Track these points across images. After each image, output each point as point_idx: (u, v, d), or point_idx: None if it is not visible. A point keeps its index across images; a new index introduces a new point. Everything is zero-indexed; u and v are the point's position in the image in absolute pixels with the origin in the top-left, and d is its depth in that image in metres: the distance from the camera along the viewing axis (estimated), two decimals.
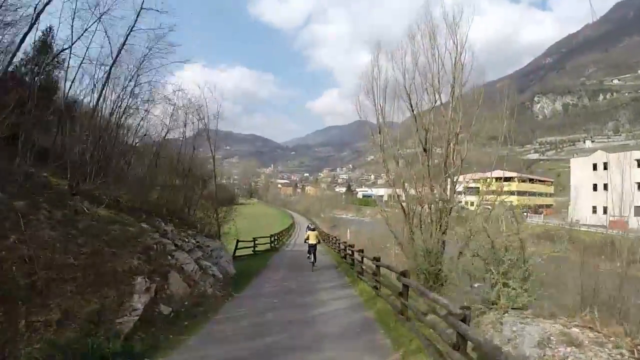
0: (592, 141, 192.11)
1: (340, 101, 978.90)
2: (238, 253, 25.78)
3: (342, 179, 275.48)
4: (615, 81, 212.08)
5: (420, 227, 17.96)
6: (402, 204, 18.78)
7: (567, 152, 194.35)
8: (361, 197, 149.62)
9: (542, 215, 72.95)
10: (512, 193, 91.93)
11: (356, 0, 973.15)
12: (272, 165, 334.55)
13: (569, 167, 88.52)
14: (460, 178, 21.55)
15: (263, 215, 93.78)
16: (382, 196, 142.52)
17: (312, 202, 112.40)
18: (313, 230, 21.89)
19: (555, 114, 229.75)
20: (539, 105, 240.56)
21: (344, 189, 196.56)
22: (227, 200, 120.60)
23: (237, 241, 26.57)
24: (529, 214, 74.07)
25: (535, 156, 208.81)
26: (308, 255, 20.03)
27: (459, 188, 20.83)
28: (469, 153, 19.38)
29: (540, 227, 62.67)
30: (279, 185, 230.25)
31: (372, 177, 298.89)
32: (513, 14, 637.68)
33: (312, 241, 20.12)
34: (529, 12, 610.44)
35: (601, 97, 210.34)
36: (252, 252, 27.97)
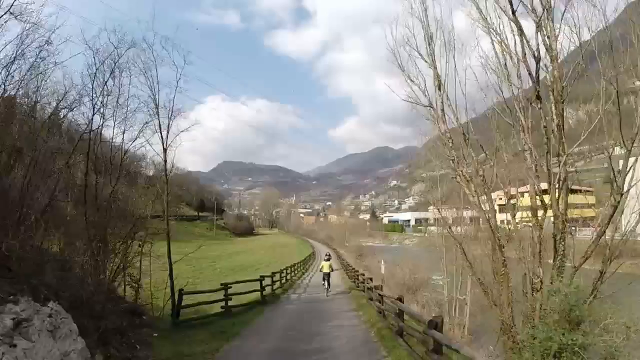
0: (621, 147, 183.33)
1: (359, 129, 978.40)
2: (194, 312, 14.79)
3: (365, 205, 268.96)
4: (638, 83, 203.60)
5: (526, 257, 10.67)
6: (490, 222, 11.38)
7: (596, 161, 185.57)
8: (387, 222, 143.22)
9: (595, 228, 64.86)
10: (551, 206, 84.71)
11: (372, 26, 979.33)
12: (294, 195, 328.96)
13: (602, 176, 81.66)
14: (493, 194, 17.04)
15: (281, 245, 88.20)
16: (409, 220, 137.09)
17: (335, 230, 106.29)
18: (328, 260, 23.34)
19: (580, 123, 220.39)
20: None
21: (367, 216, 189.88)
22: (245, 230, 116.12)
23: (180, 294, 14.06)
24: (577, 228, 66.88)
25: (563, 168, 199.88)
26: (323, 282, 22.24)
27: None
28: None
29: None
30: (301, 215, 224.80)
31: (396, 202, 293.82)
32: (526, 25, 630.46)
33: (325, 270, 22.24)
34: None
35: (625, 100, 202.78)
36: (222, 309, 15.79)
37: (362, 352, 9.99)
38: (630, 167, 9.60)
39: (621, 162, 10.44)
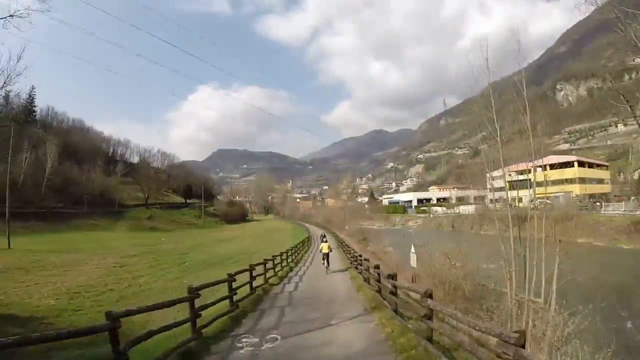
0: (625, 124, 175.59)
1: (353, 112, 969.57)
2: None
3: (363, 189, 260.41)
4: (638, 60, 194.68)
5: None
6: None
7: (599, 138, 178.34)
8: (387, 204, 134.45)
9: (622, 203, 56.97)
10: (570, 181, 76.85)
11: (362, 9, 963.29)
12: (290, 181, 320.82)
13: (606, 153, 74.68)
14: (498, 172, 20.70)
15: (274, 230, 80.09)
16: (410, 201, 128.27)
17: (333, 213, 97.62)
18: (326, 242, 25.75)
19: (580, 100, 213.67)
20: (562, 93, 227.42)
21: (365, 199, 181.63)
22: (237, 216, 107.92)
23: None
24: (602, 204, 58.77)
25: (566, 146, 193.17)
26: (322, 262, 23.31)
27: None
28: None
29: (626, 218, 47.73)
30: (298, 200, 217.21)
31: (394, 184, 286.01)
32: (519, 9, 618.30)
33: (325, 250, 23.29)
34: (535, 6, 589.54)
35: (626, 77, 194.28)
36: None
37: None
38: None
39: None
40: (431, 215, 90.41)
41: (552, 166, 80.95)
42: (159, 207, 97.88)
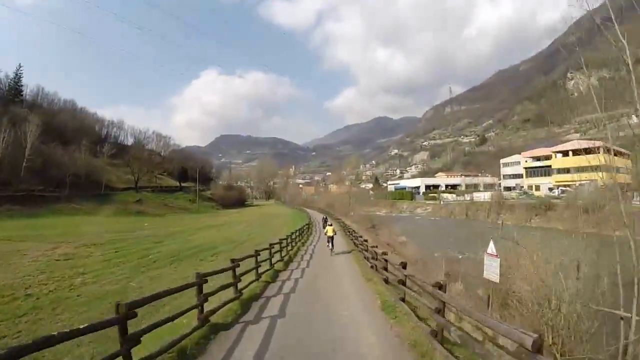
0: (638, 115, 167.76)
1: (358, 99, 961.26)
2: None
3: (367, 175, 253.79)
4: None
5: None
6: None
7: (610, 129, 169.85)
8: (393, 190, 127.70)
9: None
10: (596, 168, 69.59)
11: None
12: (292, 166, 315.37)
13: (617, 144, 68.28)
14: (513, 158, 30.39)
15: (272, 215, 75.05)
16: (418, 187, 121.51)
17: (337, 198, 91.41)
18: (330, 225, 26.21)
19: (591, 90, 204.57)
20: (572, 82, 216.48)
21: (370, 185, 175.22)
22: (235, 201, 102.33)
23: None
24: (633, 194, 52.34)
25: (576, 136, 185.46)
26: (327, 244, 23.87)
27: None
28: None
29: None
30: (300, 185, 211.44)
31: (398, 171, 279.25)
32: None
33: (330, 234, 23.95)
34: None
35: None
36: None
37: None
38: None
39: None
40: (442, 202, 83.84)
41: (576, 152, 73.83)
42: (150, 190, 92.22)
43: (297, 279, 15.90)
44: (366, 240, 19.76)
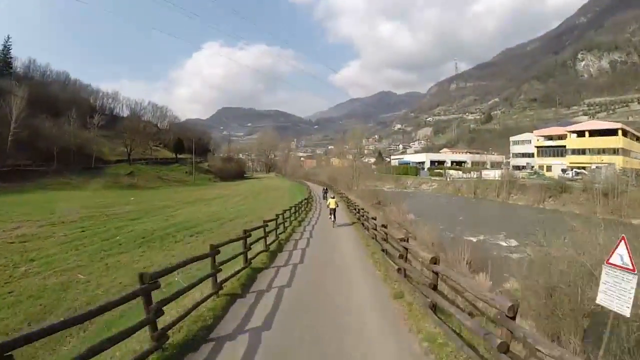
0: None
1: (362, 72, 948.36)
2: None
3: (369, 149, 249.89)
4: None
5: None
6: None
7: (620, 114, 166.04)
8: (396, 165, 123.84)
9: None
10: (613, 151, 66.66)
11: None
12: (295, 139, 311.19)
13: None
14: (524, 136, 36.47)
15: (271, 189, 72.45)
16: (423, 163, 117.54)
17: (339, 172, 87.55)
18: (333, 197, 26.28)
19: (602, 73, 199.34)
20: (583, 64, 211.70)
21: (372, 159, 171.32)
22: (234, 174, 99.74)
23: None
24: None
25: (584, 119, 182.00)
26: (329, 216, 23.32)
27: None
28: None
29: None
30: (302, 158, 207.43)
31: (401, 146, 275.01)
32: None
33: (332, 206, 23.42)
34: None
35: None
36: None
37: None
38: None
39: None
40: (448, 179, 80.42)
41: (592, 133, 70.33)
42: (144, 163, 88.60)
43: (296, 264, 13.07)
44: (374, 219, 17.14)
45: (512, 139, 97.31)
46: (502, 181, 59.21)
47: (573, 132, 72.40)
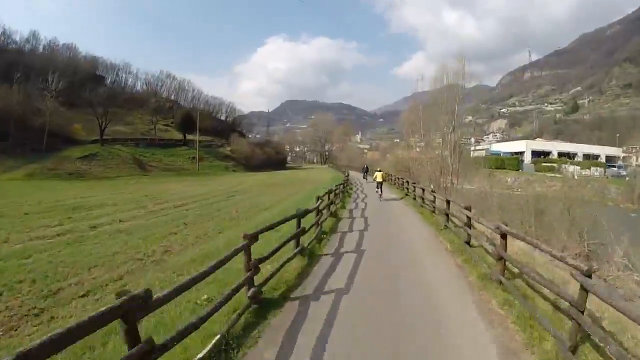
0: None
1: (427, 64, 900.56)
2: None
3: (437, 142, 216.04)
4: None
5: None
6: None
7: None
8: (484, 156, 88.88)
9: None
10: None
11: None
12: (359, 132, 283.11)
13: None
14: None
15: (301, 181, 49.30)
16: (522, 153, 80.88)
17: (404, 164, 57.01)
18: (379, 171, 25.43)
19: None
20: None
21: (438, 152, 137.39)
22: (269, 161, 75.56)
23: None
24: None
25: None
26: (376, 190, 23.87)
27: None
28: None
29: None
30: (365, 150, 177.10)
31: (473, 139, 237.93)
32: None
33: (379, 179, 24.03)
34: None
35: None
36: None
37: None
38: None
39: None
40: (576, 177, 47.43)
41: None
42: (135, 144, 64.38)
43: None
44: None
45: None
46: None
47: None
